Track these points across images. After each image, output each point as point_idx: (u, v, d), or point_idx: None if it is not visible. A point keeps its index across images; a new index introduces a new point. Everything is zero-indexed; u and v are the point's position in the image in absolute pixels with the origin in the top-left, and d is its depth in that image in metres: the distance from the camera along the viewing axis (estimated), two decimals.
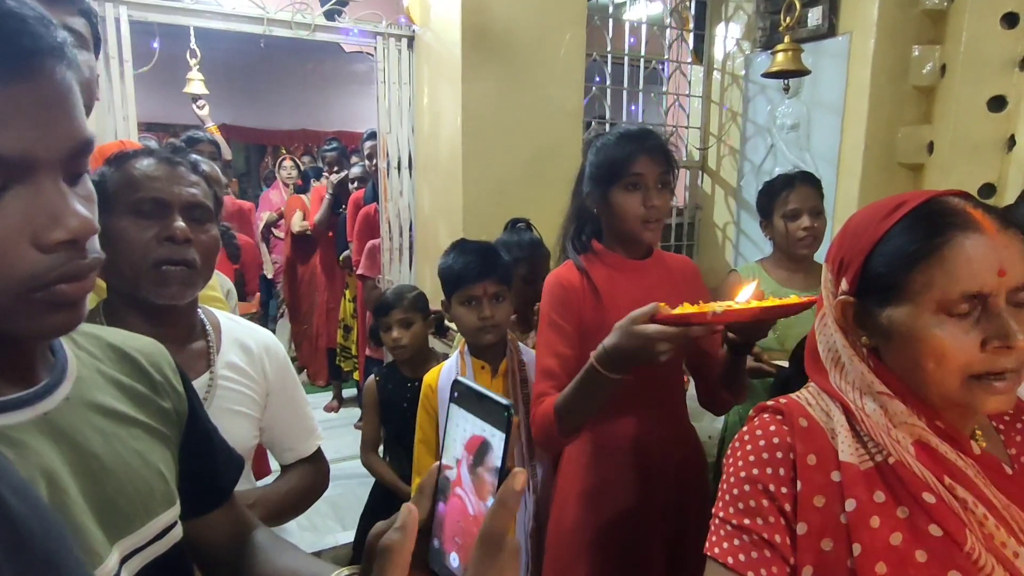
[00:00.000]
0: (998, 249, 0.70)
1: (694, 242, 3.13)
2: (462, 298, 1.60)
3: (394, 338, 2.00)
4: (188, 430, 0.74)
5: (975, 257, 0.70)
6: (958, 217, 0.73)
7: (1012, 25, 2.21)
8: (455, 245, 1.68)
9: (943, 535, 0.70)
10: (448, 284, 1.64)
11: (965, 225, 0.72)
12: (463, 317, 1.61)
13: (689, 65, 3.10)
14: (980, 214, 0.73)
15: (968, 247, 0.70)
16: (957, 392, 0.71)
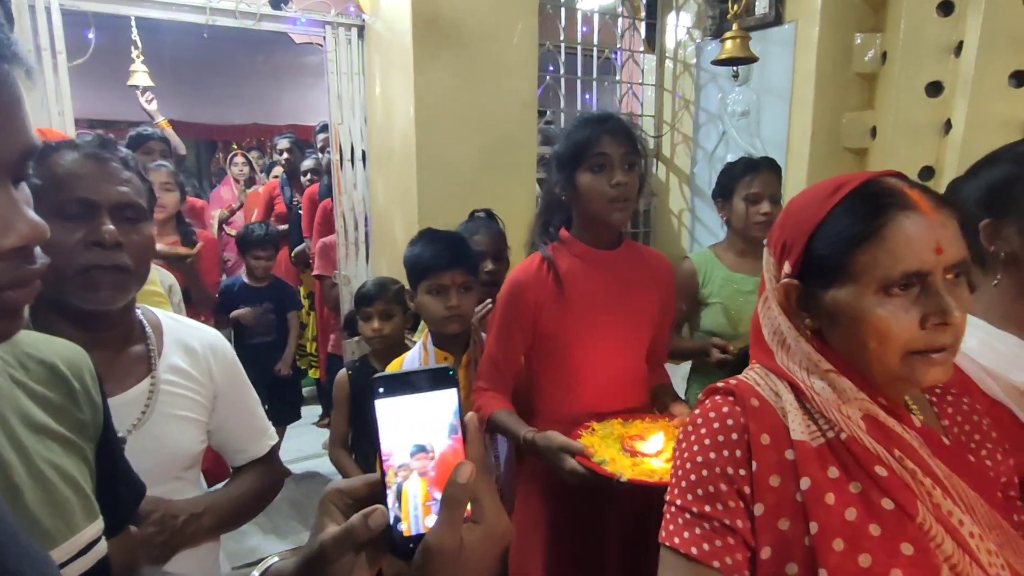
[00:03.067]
0: (935, 228, 0.72)
1: (651, 229, 3.17)
2: (430, 287, 1.59)
3: (375, 329, 2.01)
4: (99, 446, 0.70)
5: (914, 236, 0.71)
6: (896, 197, 0.74)
7: (948, 13, 2.29)
8: (423, 234, 1.67)
9: (895, 508, 0.71)
10: (415, 273, 1.63)
11: (903, 205, 0.73)
12: (429, 306, 1.59)
13: (642, 54, 3.12)
14: (917, 194, 0.74)
15: (907, 226, 0.72)
16: (898, 368, 0.73)
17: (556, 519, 1.45)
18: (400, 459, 0.50)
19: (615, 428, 1.38)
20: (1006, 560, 0.71)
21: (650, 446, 1.26)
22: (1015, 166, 0.99)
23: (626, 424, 1.40)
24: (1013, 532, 0.75)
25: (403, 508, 0.50)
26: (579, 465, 1.22)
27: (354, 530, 0.49)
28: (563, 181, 1.43)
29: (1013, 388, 0.94)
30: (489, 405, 1.46)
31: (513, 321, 1.45)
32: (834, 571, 0.68)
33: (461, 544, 0.48)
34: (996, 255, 1.00)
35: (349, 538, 0.49)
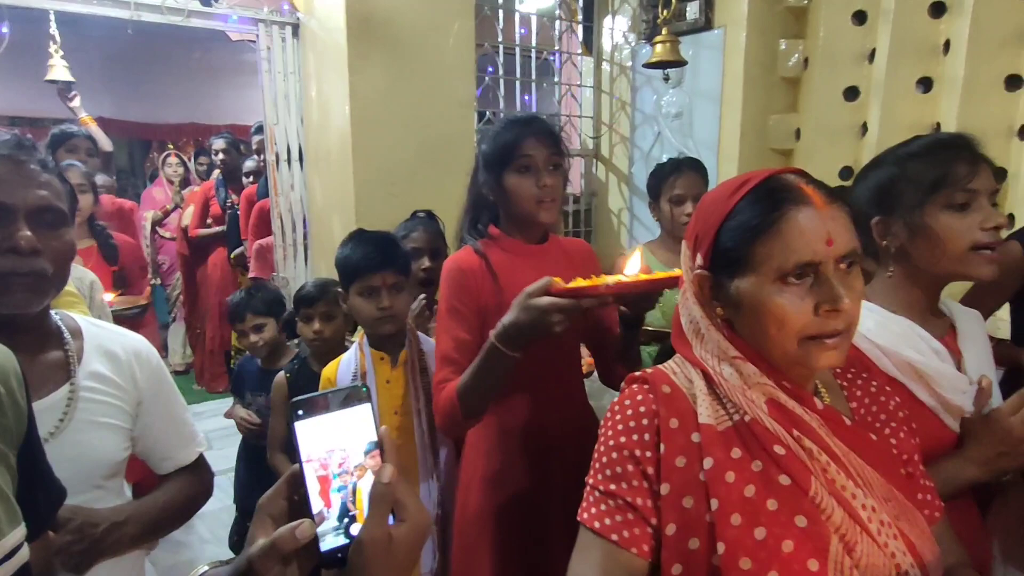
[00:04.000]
0: (826, 221, 0.76)
1: (591, 228, 3.23)
2: (361, 289, 1.58)
3: (316, 330, 1.98)
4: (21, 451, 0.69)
5: (806, 229, 0.76)
6: (792, 193, 0.79)
7: (861, 22, 2.42)
8: (353, 235, 1.66)
9: (791, 484, 0.75)
10: (346, 275, 1.61)
11: (798, 200, 0.78)
12: (362, 308, 1.59)
13: (579, 56, 3.18)
14: (811, 189, 0.79)
15: (800, 220, 0.76)
16: (795, 352, 0.77)
17: (498, 512, 1.47)
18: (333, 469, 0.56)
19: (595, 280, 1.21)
20: (900, 530, 0.76)
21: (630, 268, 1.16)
22: (897, 168, 1.07)
23: None
24: (908, 504, 0.80)
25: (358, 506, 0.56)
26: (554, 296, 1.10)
27: (280, 542, 0.52)
28: (491, 182, 1.45)
29: (906, 364, 1.01)
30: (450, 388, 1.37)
31: (461, 304, 1.43)
32: (731, 544, 0.72)
33: (391, 538, 0.53)
34: (887, 249, 1.07)
35: (275, 551, 0.52)
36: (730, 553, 0.73)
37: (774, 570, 0.72)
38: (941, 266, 1.03)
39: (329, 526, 0.55)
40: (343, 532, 0.55)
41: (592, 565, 0.79)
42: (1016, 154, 2.09)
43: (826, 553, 0.73)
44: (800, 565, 0.72)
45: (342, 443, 0.56)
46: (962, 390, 1.02)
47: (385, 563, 0.52)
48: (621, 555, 0.78)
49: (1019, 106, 2.08)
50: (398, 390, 1.61)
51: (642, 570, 0.78)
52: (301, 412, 0.55)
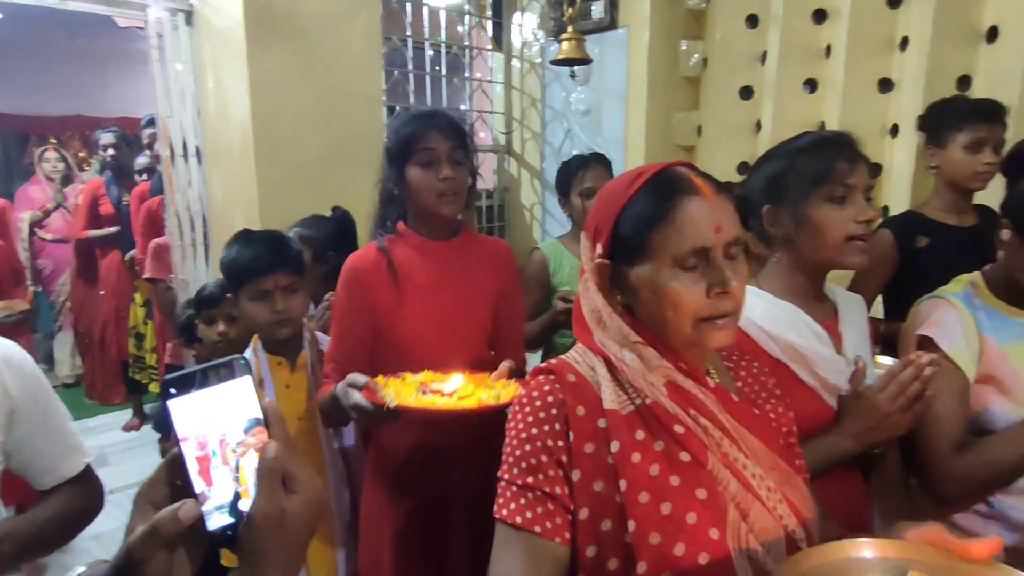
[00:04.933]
0: (715, 210, 0.81)
1: (505, 223, 3.25)
2: (252, 293, 1.51)
3: (220, 332, 1.86)
4: None
5: (698, 217, 0.80)
6: (684, 184, 0.83)
7: (754, 25, 2.56)
8: (239, 236, 1.58)
9: (691, 460, 0.80)
10: (234, 278, 1.53)
11: (689, 190, 0.82)
12: (255, 313, 1.51)
13: (490, 52, 3.18)
14: (700, 181, 0.84)
15: (692, 209, 0.80)
16: (691, 334, 0.82)
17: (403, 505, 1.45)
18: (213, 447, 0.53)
19: (427, 376, 1.34)
20: (783, 495, 0.83)
21: (448, 386, 1.26)
22: (786, 161, 1.14)
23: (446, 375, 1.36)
24: (790, 471, 0.86)
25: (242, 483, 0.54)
26: (362, 399, 1.20)
27: (161, 525, 0.49)
28: (394, 176, 1.44)
29: (789, 347, 1.08)
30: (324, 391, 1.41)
31: (352, 307, 1.43)
32: (640, 521, 0.76)
33: (284, 512, 0.52)
34: (775, 236, 1.14)
35: (156, 535, 0.48)
36: (640, 530, 0.76)
37: (680, 542, 0.76)
38: (821, 254, 1.11)
39: (213, 505, 0.52)
40: (229, 510, 0.53)
41: (516, 559, 0.79)
42: (889, 151, 2.27)
43: (725, 521, 0.78)
44: (703, 535, 0.76)
45: (221, 419, 0.54)
46: (839, 371, 1.10)
47: (280, 539, 0.51)
48: (545, 546, 0.79)
49: (891, 107, 2.26)
50: (299, 395, 1.56)
51: (565, 557, 0.80)
52: (174, 390, 0.53)
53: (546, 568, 0.79)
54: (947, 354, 1.10)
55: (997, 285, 1.16)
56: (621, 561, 0.78)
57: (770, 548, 0.78)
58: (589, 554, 0.79)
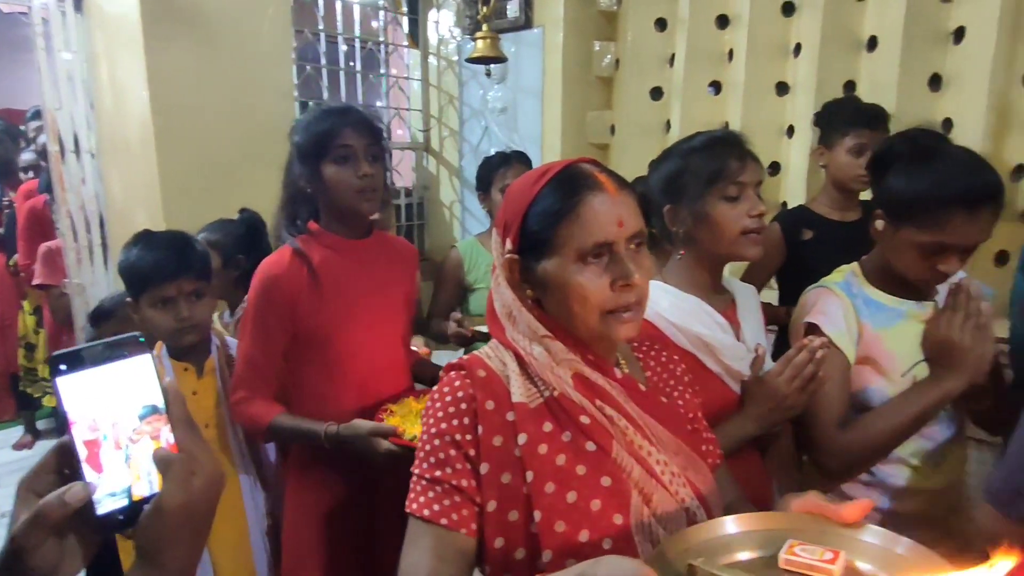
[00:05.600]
0: (617, 205, 0.84)
1: (424, 221, 3.23)
2: (154, 299, 1.43)
3: None
4: None
5: (601, 212, 0.83)
6: (588, 180, 0.85)
7: (663, 28, 2.66)
8: (139, 237, 1.48)
9: (596, 449, 0.83)
10: (134, 284, 1.44)
11: (593, 186, 0.84)
12: (157, 320, 1.43)
13: (406, 48, 3.15)
14: (604, 177, 0.86)
15: (595, 204, 0.83)
16: (597, 326, 0.84)
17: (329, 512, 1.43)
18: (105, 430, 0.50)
19: (412, 406, 1.40)
20: (687, 478, 0.87)
21: None
22: (682, 161, 1.20)
23: (419, 400, 1.43)
24: (694, 455, 0.90)
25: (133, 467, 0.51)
26: (393, 446, 1.26)
27: (47, 510, 0.46)
28: (307, 174, 1.40)
29: (695, 337, 1.14)
30: (264, 414, 1.39)
31: (270, 317, 1.39)
32: (546, 511, 0.78)
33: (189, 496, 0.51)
34: (677, 234, 1.20)
35: (42, 521, 0.46)
36: (546, 519, 0.78)
37: (585, 528, 0.79)
38: (719, 248, 1.17)
39: (104, 491, 0.49)
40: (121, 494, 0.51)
41: (424, 551, 0.81)
42: (786, 150, 2.41)
43: (628, 506, 0.81)
44: (607, 521, 0.79)
45: (116, 400, 0.51)
46: (740, 357, 1.17)
47: (186, 524, 0.50)
48: (452, 537, 0.80)
49: (787, 109, 2.41)
50: (207, 401, 1.49)
51: (471, 548, 0.82)
52: (64, 367, 0.49)
53: (452, 559, 0.80)
54: (831, 338, 1.18)
55: (873, 274, 1.27)
56: (528, 551, 0.80)
57: (670, 529, 0.82)
58: (496, 545, 0.80)
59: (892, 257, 1.20)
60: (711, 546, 0.71)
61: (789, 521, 0.73)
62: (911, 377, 1.19)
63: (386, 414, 1.38)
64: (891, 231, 1.18)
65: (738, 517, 0.74)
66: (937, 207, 1.10)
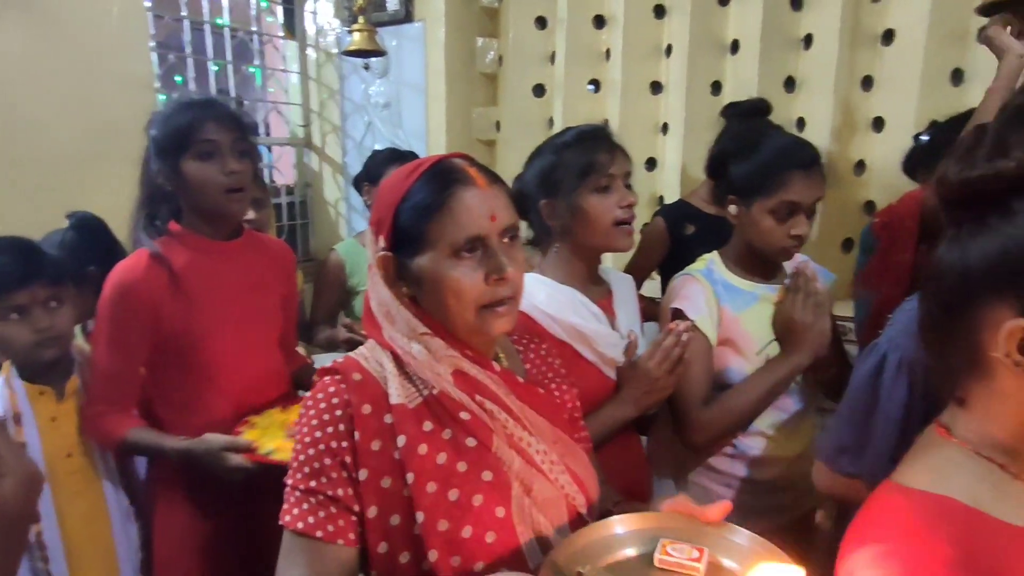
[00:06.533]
0: (489, 199, 0.84)
1: (308, 220, 3.10)
2: (4, 311, 1.27)
3: None
4: None
5: (472, 206, 0.82)
6: (459, 174, 0.85)
7: (543, 27, 2.70)
8: None
9: (477, 444, 0.82)
10: None
11: (464, 181, 0.84)
12: (9, 335, 1.28)
13: (281, 39, 3.01)
14: (475, 171, 0.86)
15: (467, 199, 0.82)
16: (474, 321, 0.84)
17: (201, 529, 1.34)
18: None
19: (275, 417, 1.33)
20: (566, 465, 0.88)
21: None
22: (555, 156, 1.22)
23: (286, 410, 1.36)
24: (572, 443, 0.92)
25: None
26: (246, 461, 1.19)
27: None
28: (167, 170, 1.30)
29: (572, 328, 1.17)
30: (118, 427, 1.29)
31: (127, 327, 1.28)
32: (429, 511, 0.77)
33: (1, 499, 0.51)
34: (554, 227, 1.22)
35: None
36: (429, 519, 0.77)
37: (468, 524, 0.78)
38: (593, 240, 1.21)
39: None
40: None
41: (300, 566, 0.78)
42: (661, 146, 2.53)
43: (510, 499, 0.81)
44: (490, 515, 0.79)
45: None
46: (615, 345, 1.21)
47: None
48: (329, 549, 0.78)
49: (661, 107, 2.52)
50: (69, 427, 1.34)
51: (351, 559, 0.80)
52: None
53: (330, 572, 0.78)
54: (694, 322, 1.26)
55: (731, 260, 1.36)
56: (412, 553, 0.79)
57: (551, 517, 0.84)
58: (380, 551, 0.79)
59: (750, 234, 1.29)
60: (595, 548, 0.76)
61: (662, 521, 0.79)
62: (765, 355, 1.29)
63: (245, 427, 1.31)
64: (744, 210, 1.27)
65: (619, 519, 0.79)
66: (778, 172, 1.23)
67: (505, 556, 0.79)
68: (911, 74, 2.04)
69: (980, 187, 0.65)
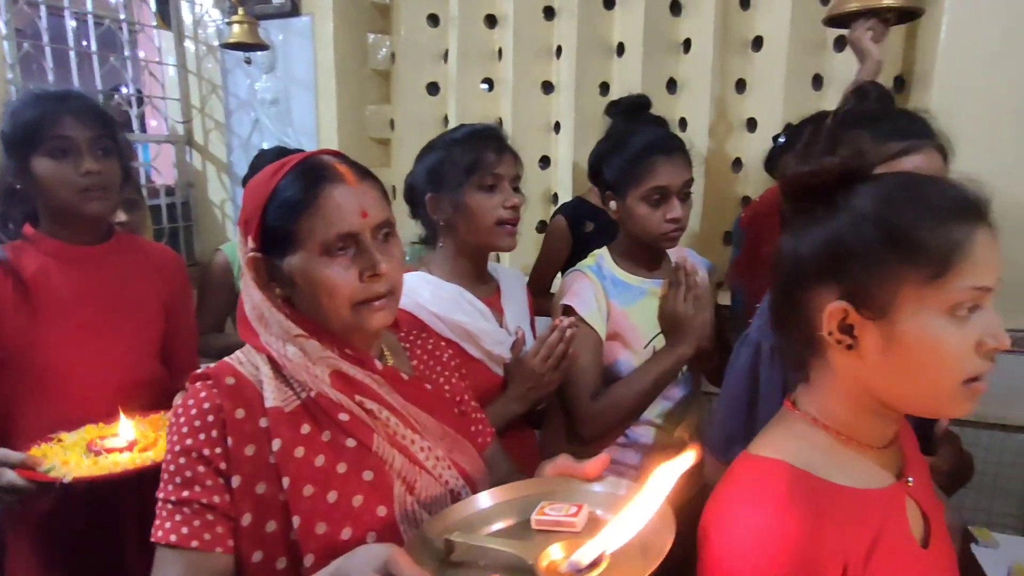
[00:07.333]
0: (359, 195, 0.83)
1: (192, 222, 2.93)
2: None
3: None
4: None
5: (342, 203, 0.81)
6: (327, 171, 0.83)
7: (436, 24, 2.69)
8: None
9: (357, 445, 0.81)
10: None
11: (333, 178, 0.83)
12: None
13: (155, 29, 2.82)
14: (344, 168, 0.85)
15: (336, 195, 0.81)
16: (350, 319, 0.83)
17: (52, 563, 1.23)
18: None
19: (89, 433, 1.21)
20: (453, 460, 0.89)
21: (119, 440, 1.15)
22: (444, 151, 1.23)
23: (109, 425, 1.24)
24: (460, 438, 0.93)
25: None
26: (17, 478, 1.05)
27: None
28: (16, 168, 1.20)
29: (457, 326, 1.17)
30: None
31: None
32: (305, 515, 0.76)
33: None
34: (438, 223, 1.22)
35: None
36: (305, 523, 0.76)
37: (347, 526, 0.77)
38: (476, 238, 1.22)
39: None
40: None
41: None
42: (554, 145, 2.59)
43: (392, 497, 0.81)
44: (370, 515, 0.79)
45: None
46: (501, 342, 1.23)
47: None
48: (206, 559, 0.75)
49: (552, 107, 2.58)
50: None
51: (230, 567, 0.77)
52: None
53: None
54: (583, 318, 1.30)
55: (619, 255, 1.41)
56: (289, 559, 0.77)
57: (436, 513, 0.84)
58: (255, 559, 0.77)
59: (631, 226, 1.35)
60: (470, 521, 0.74)
61: (542, 485, 0.78)
62: (652, 347, 1.35)
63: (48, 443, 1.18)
64: (622, 204, 1.33)
65: (493, 490, 0.78)
66: (643, 160, 1.30)
67: None
68: (777, 78, 2.20)
69: (810, 181, 0.71)
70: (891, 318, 0.65)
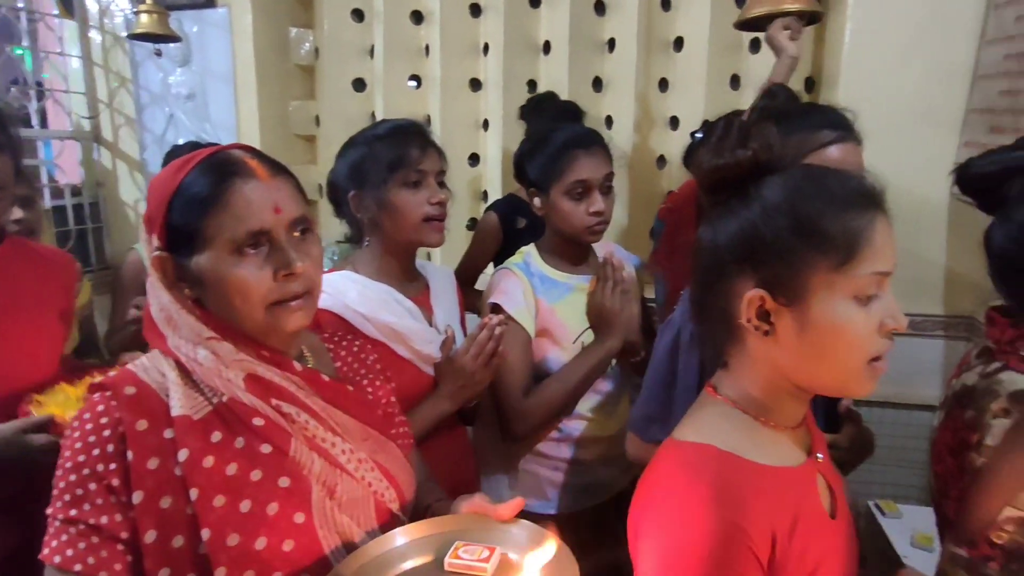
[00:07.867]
0: (272, 191, 0.79)
1: (101, 224, 2.75)
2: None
3: None
4: None
5: (253, 199, 0.77)
6: (237, 166, 0.79)
7: (360, 19, 2.63)
8: None
9: (273, 450, 0.78)
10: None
11: (243, 173, 0.79)
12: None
13: (56, 18, 2.64)
14: (255, 163, 0.81)
15: (247, 191, 0.77)
16: (264, 320, 0.79)
17: None
18: None
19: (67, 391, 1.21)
20: (376, 462, 0.87)
21: None
22: (366, 148, 1.20)
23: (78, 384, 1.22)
24: (384, 439, 0.90)
25: None
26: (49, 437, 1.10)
27: None
28: None
29: (385, 326, 1.15)
30: None
31: None
32: (215, 526, 0.72)
33: None
34: (364, 221, 1.19)
35: None
36: (216, 535, 0.72)
37: (262, 535, 0.74)
38: (403, 235, 1.20)
39: None
40: None
41: None
42: (483, 142, 2.58)
43: (310, 503, 0.78)
44: (287, 522, 0.76)
45: None
46: (430, 341, 1.21)
47: None
48: None
49: (481, 104, 2.57)
50: None
51: None
52: None
53: None
54: (512, 315, 1.29)
55: (547, 252, 1.42)
56: (199, 574, 0.73)
57: (358, 517, 0.82)
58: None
59: (556, 221, 1.36)
60: (385, 559, 0.75)
61: (457, 523, 0.80)
62: (580, 343, 1.36)
63: (33, 405, 1.16)
64: (546, 200, 1.34)
65: (409, 527, 0.79)
66: (564, 155, 1.32)
67: (307, 564, 0.75)
68: (698, 78, 2.27)
69: (724, 174, 0.73)
70: (804, 304, 0.68)
